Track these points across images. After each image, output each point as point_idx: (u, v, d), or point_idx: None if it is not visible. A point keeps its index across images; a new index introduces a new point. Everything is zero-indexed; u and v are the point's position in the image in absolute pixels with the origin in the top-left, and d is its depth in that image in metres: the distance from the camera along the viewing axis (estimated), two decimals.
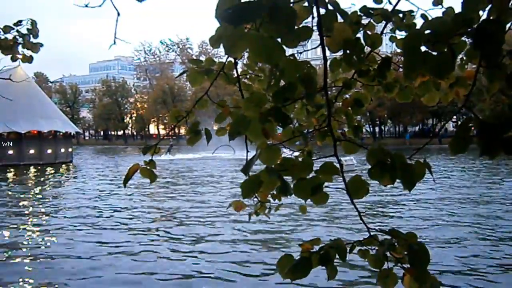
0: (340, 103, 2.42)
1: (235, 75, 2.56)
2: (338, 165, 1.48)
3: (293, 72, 1.22)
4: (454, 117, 70.55)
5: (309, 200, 1.54)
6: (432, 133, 64.06)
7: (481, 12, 1.29)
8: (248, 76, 2.67)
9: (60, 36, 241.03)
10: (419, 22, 2.03)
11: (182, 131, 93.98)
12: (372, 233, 1.63)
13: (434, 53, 1.16)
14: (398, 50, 2.22)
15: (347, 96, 2.44)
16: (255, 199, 2.85)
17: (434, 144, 59.21)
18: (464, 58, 1.87)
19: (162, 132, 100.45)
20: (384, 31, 2.18)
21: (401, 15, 2.02)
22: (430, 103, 2.44)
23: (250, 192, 1.42)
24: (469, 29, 1.22)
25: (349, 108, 2.39)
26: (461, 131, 1.26)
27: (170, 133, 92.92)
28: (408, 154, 1.53)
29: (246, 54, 2.79)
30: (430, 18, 2.13)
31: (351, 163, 22.33)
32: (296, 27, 1.17)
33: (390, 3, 1.95)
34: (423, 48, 1.26)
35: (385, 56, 2.06)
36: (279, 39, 1.14)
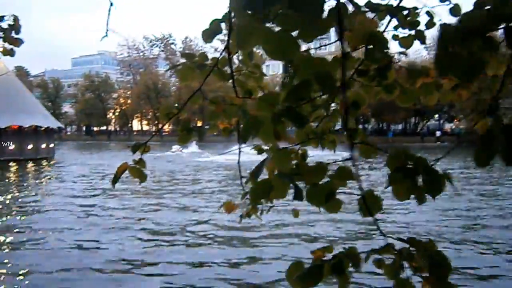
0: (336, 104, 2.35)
1: (227, 71, 2.47)
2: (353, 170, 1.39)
3: (308, 69, 1.13)
4: (436, 115, 71.69)
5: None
6: (440, 134, 63.53)
7: None
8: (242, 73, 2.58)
9: (42, 30, 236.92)
10: (423, 19, 1.97)
11: (166, 126, 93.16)
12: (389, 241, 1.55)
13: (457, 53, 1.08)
14: (401, 49, 2.13)
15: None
16: (247, 201, 2.77)
17: (416, 142, 59.99)
18: None
19: (146, 128, 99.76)
20: (386, 30, 2.10)
21: (405, 12, 1.94)
22: (430, 103, 2.38)
23: (260, 198, 1.33)
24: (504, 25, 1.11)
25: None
26: (486, 140, 1.17)
27: (163, 128, 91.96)
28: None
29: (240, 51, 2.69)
30: (435, 16, 2.09)
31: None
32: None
33: None
34: None
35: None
36: (293, 33, 1.05)
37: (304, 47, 1.31)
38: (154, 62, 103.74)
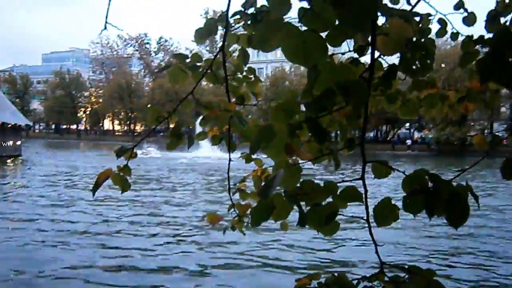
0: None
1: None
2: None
3: (332, 77, 0.99)
4: (407, 124, 72.98)
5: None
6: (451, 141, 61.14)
7: None
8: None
9: (11, 23, 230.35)
10: (434, 27, 1.87)
11: (138, 127, 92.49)
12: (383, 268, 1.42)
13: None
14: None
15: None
16: (233, 213, 2.63)
17: (388, 150, 60.84)
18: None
19: (117, 127, 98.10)
20: None
21: (418, 18, 1.84)
22: (427, 114, 2.31)
23: (261, 220, 1.19)
24: None
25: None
26: None
27: (135, 129, 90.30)
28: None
29: (235, 52, 2.55)
30: (448, 24, 2.00)
31: None
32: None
33: (409, 3, 1.76)
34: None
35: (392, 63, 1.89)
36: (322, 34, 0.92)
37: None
38: (128, 61, 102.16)
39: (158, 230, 11.72)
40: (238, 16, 2.23)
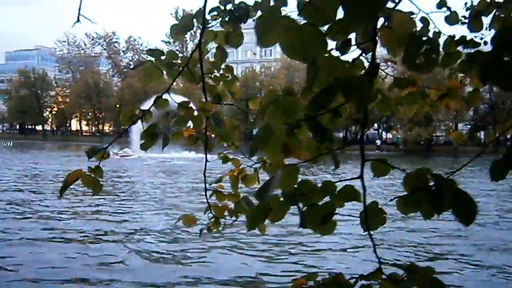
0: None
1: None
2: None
3: (332, 74, 0.94)
4: (375, 125, 74.34)
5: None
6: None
7: None
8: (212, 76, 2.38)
9: None
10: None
11: (106, 128, 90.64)
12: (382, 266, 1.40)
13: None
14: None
15: None
16: (210, 215, 2.57)
17: (357, 150, 61.63)
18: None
19: (85, 128, 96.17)
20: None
21: None
22: (407, 114, 2.31)
23: (257, 223, 1.14)
24: None
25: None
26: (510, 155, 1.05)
27: (104, 129, 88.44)
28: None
29: (211, 50, 2.48)
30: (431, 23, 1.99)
31: None
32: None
33: (393, 1, 1.73)
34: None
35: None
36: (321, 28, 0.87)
37: None
38: (96, 60, 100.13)
39: (127, 237, 11.34)
40: (215, 13, 2.16)
